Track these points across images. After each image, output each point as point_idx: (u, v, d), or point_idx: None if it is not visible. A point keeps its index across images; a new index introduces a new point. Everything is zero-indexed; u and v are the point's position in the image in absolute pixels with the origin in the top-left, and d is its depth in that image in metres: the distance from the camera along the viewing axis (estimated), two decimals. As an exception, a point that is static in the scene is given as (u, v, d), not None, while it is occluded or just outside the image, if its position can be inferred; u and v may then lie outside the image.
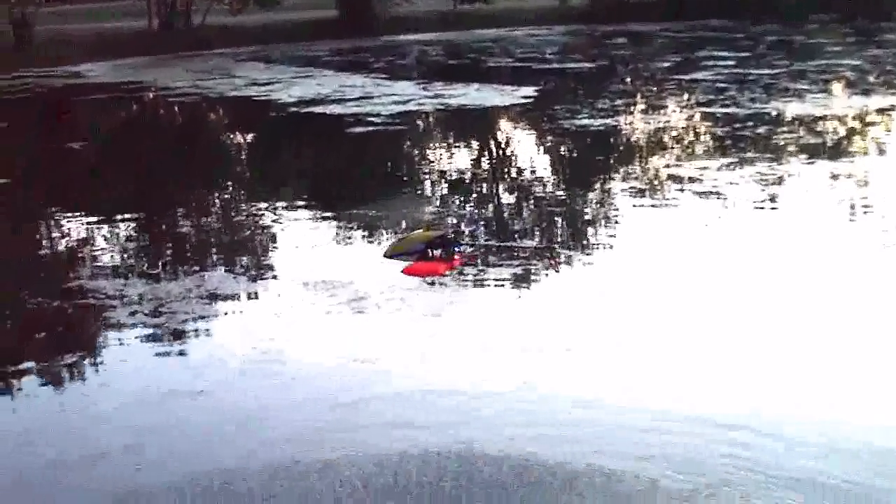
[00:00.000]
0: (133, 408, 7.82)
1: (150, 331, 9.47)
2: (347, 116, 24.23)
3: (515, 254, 11.75)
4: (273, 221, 14.17)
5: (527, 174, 17.46)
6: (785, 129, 20.73)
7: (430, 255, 11.48)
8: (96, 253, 12.67)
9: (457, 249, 11.68)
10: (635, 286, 10.29)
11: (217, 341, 9.24)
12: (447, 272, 11.03)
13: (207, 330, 9.49)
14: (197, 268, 11.68)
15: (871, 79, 28.52)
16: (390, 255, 11.69)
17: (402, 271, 10.97)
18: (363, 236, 12.98)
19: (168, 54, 46.63)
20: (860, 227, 12.78)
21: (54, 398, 8.14)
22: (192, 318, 9.70)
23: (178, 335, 9.33)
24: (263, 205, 15.34)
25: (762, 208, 13.66)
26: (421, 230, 12.48)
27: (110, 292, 10.63)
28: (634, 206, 14.13)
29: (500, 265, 11.14)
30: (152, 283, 11.01)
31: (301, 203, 15.38)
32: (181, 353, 9.00)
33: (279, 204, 15.30)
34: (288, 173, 18.63)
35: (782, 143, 19.00)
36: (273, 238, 13.25)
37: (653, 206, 14.23)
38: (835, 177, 15.72)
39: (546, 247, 12.09)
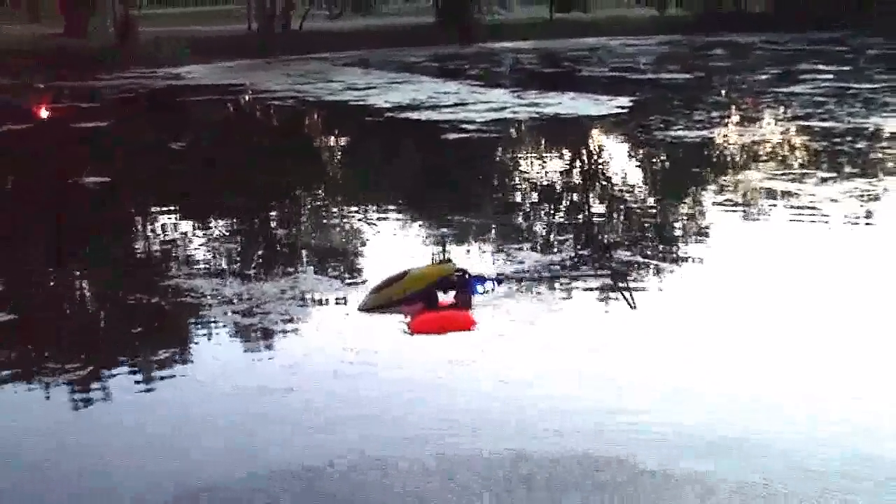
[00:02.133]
0: (223, 403, 7.96)
1: (244, 330, 9.63)
2: (442, 123, 24.38)
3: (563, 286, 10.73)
4: (366, 225, 14.31)
5: (618, 185, 17.39)
6: (885, 144, 20.40)
7: (439, 300, 9.15)
8: (193, 252, 12.92)
9: (479, 286, 9.33)
10: (730, 301, 10.22)
11: (309, 342, 9.34)
12: (474, 327, 9.01)
13: (300, 331, 9.60)
14: (291, 269, 11.82)
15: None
16: (373, 306, 9.33)
17: (408, 328, 8.97)
18: (456, 243, 12.98)
19: (266, 58, 47.35)
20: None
21: (148, 393, 8.30)
22: (285, 319, 9.83)
23: (271, 335, 9.47)
24: (357, 208, 15.51)
25: (857, 224, 13.46)
26: (423, 267, 9.96)
27: (206, 291, 10.84)
28: (728, 220, 14.00)
29: (596, 275, 10.95)
30: (247, 283, 11.19)
31: (394, 208, 15.51)
32: (273, 352, 9.13)
33: (372, 208, 15.47)
34: (382, 178, 18.78)
35: (881, 158, 18.71)
36: (366, 242, 13.36)
37: (746, 219, 14.11)
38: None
39: (609, 273, 10.61)
